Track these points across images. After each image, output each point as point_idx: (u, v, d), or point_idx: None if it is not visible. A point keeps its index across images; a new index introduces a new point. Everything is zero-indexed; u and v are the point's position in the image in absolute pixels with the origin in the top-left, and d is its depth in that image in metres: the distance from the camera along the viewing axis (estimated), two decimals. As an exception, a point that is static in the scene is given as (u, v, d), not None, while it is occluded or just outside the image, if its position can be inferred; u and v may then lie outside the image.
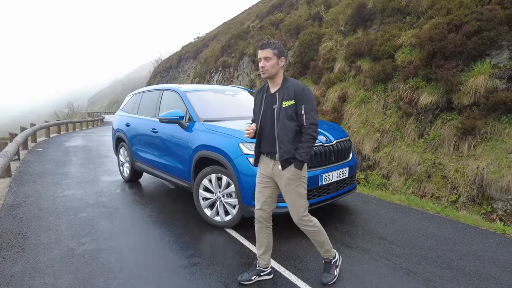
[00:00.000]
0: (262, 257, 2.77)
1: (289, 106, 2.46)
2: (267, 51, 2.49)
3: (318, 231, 2.66)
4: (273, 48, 2.49)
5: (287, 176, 2.53)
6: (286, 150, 2.47)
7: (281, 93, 2.51)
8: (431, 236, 3.68)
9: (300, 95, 2.46)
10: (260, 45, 2.54)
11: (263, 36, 13.96)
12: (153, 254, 3.23)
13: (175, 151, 4.41)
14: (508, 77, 5.60)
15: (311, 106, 2.47)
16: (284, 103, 2.47)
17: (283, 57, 2.53)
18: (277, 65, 2.51)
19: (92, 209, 4.50)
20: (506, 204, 4.86)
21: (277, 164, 2.56)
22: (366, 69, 8.27)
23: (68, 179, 6.20)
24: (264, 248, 2.75)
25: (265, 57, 2.49)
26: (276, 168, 2.57)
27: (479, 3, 6.62)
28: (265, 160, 2.66)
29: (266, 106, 2.58)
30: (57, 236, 3.59)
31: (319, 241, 2.70)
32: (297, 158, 2.47)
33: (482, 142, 5.58)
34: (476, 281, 2.78)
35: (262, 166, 2.69)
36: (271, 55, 2.48)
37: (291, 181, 2.53)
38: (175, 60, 28.58)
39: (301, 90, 2.47)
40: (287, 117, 2.47)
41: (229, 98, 5.13)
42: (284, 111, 2.47)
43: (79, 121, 22.38)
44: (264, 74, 2.53)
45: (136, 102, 5.92)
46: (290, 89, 2.48)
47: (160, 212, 4.40)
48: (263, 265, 2.77)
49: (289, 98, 2.47)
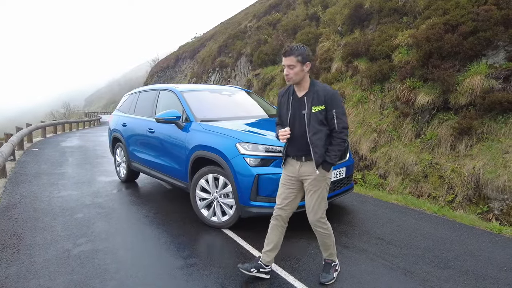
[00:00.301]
0: (267, 253, 2.76)
1: (319, 111, 2.47)
2: (290, 59, 2.44)
3: (329, 235, 2.70)
4: (296, 55, 2.43)
5: (314, 176, 2.56)
6: (320, 154, 2.50)
7: (309, 97, 2.50)
8: (428, 236, 3.69)
9: (330, 100, 2.46)
10: (283, 52, 2.49)
11: (261, 36, 13.96)
12: (150, 255, 3.21)
13: (171, 151, 4.39)
14: (504, 77, 5.62)
15: (341, 110, 2.49)
16: (314, 108, 2.47)
17: (308, 62, 2.47)
18: (301, 72, 2.47)
19: (89, 210, 4.47)
20: (502, 203, 4.88)
21: (305, 165, 2.58)
22: (363, 69, 8.29)
23: (64, 180, 6.16)
24: (273, 245, 2.76)
25: (288, 65, 2.46)
26: (303, 169, 2.59)
27: (475, 4, 6.65)
28: (291, 162, 2.68)
29: (294, 110, 2.56)
30: (53, 237, 3.56)
31: (327, 244, 2.73)
32: (327, 160, 2.51)
33: (479, 142, 5.60)
34: (473, 281, 2.79)
35: (288, 168, 2.70)
36: (294, 63, 2.44)
37: (317, 182, 2.57)
38: (172, 60, 28.49)
39: (331, 95, 2.47)
40: (318, 122, 2.48)
41: (226, 98, 5.11)
42: (315, 116, 2.47)
43: (75, 121, 22.26)
44: (289, 81, 2.52)
45: (133, 102, 5.89)
46: (320, 94, 2.47)
47: (157, 213, 4.38)
48: (266, 262, 2.77)
49: (319, 103, 2.47)
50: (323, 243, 2.75)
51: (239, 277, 2.80)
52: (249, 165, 3.41)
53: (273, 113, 5.02)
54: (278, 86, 11.43)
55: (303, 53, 2.44)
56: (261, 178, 3.37)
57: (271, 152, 3.45)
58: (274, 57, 12.69)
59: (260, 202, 3.41)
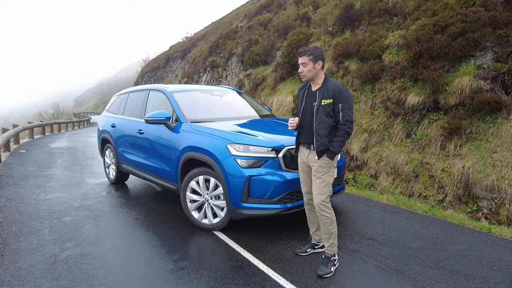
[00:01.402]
0: (315, 233, 3.22)
1: (327, 104, 2.77)
2: (303, 58, 2.84)
3: (333, 221, 2.90)
4: (308, 54, 2.83)
5: (319, 163, 2.85)
6: (322, 142, 2.79)
7: (321, 92, 2.83)
8: (419, 236, 3.70)
9: (338, 95, 2.76)
10: (298, 53, 2.91)
11: (252, 36, 13.92)
12: (139, 259, 3.15)
13: (161, 153, 4.33)
14: (492, 78, 5.69)
15: (348, 105, 2.77)
16: (323, 101, 2.79)
17: (320, 61, 2.84)
18: (313, 69, 2.84)
19: (77, 213, 4.38)
20: (491, 202, 4.93)
21: (312, 153, 2.89)
22: (354, 69, 8.32)
23: (52, 182, 6.04)
24: (316, 225, 3.17)
25: (302, 63, 2.86)
26: (310, 156, 2.92)
27: (463, 5, 6.72)
28: (302, 150, 3.03)
29: (307, 103, 2.92)
30: (39, 242, 3.47)
31: (330, 231, 2.90)
32: (330, 149, 2.79)
33: (468, 141, 5.66)
34: (463, 281, 2.80)
35: (300, 155, 3.06)
36: (306, 61, 2.83)
37: (322, 168, 2.85)
38: (163, 60, 28.26)
39: (339, 91, 2.77)
40: (325, 114, 2.78)
41: (217, 99, 5.07)
42: (323, 108, 2.78)
43: (64, 122, 21.88)
44: (303, 78, 2.90)
45: (122, 102, 5.80)
46: (330, 89, 2.79)
47: (147, 215, 4.31)
48: (317, 240, 3.22)
49: (328, 97, 2.78)
50: (326, 231, 2.91)
51: (230, 280, 2.76)
52: (240, 167, 3.37)
53: (265, 114, 4.99)
54: (269, 86, 11.41)
55: (315, 52, 2.83)
56: (253, 180, 3.34)
57: (262, 153, 3.42)
58: (265, 57, 12.67)
59: (252, 204, 3.38)
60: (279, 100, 10.22)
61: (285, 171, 3.42)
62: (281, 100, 10.14)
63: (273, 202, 3.37)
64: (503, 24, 5.89)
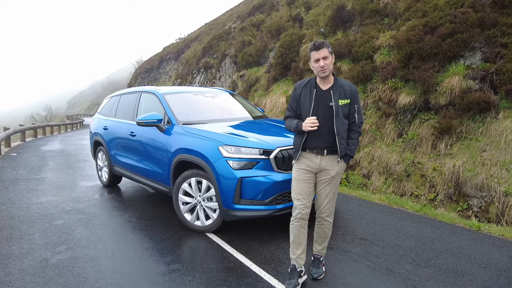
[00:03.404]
0: (301, 256, 2.75)
1: (345, 105, 2.58)
2: (324, 51, 2.53)
3: (331, 225, 2.81)
4: (327, 46, 2.56)
5: (336, 170, 2.66)
6: (345, 146, 2.62)
7: (336, 91, 2.58)
8: (410, 235, 3.75)
9: (355, 95, 2.62)
10: (315, 47, 2.56)
11: (245, 37, 13.94)
12: (132, 262, 3.14)
13: (153, 155, 4.32)
14: (480, 77, 5.78)
15: (360, 106, 2.66)
16: (340, 102, 2.57)
17: (333, 55, 2.63)
18: (332, 63, 2.59)
19: (69, 216, 4.36)
20: (481, 201, 5.00)
21: (326, 159, 2.63)
22: (346, 70, 8.37)
23: (44, 185, 5.99)
24: (302, 247, 2.74)
25: (324, 56, 2.53)
26: (326, 162, 2.64)
27: (452, 6, 6.81)
28: (308, 156, 2.68)
29: (318, 103, 2.60)
30: (30, 246, 3.45)
31: (328, 236, 2.82)
32: (349, 153, 2.64)
33: (458, 141, 5.73)
34: (452, 279, 2.84)
35: (304, 162, 2.69)
36: (327, 54, 2.54)
37: (338, 176, 2.70)
38: (156, 61, 28.19)
39: (355, 91, 2.63)
40: (344, 115, 2.59)
41: (209, 100, 5.07)
42: (341, 109, 2.57)
43: (57, 124, 21.68)
44: (325, 72, 2.55)
45: (114, 105, 5.78)
46: (346, 89, 2.60)
47: (140, 218, 4.30)
48: (302, 265, 2.75)
49: (345, 97, 2.58)
50: (324, 236, 2.81)
51: (222, 282, 2.77)
52: (232, 168, 3.38)
53: (258, 115, 5.01)
54: (263, 87, 11.44)
55: (330, 46, 2.60)
56: (245, 181, 3.35)
57: (254, 155, 3.43)
58: (259, 58, 12.70)
59: (244, 205, 3.39)
60: (273, 101, 10.26)
61: (277, 172, 3.44)
62: (275, 101, 10.17)
63: (265, 203, 3.38)
64: (491, 25, 5.99)
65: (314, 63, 2.58)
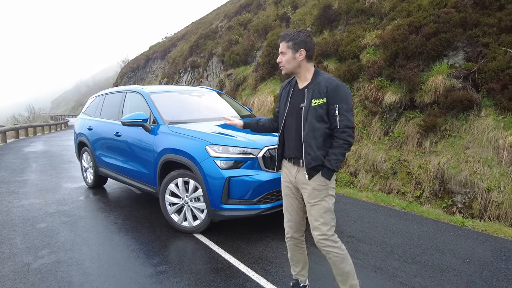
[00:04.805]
0: (301, 273, 2.50)
1: (319, 105, 2.11)
2: (282, 45, 2.20)
3: (344, 256, 2.21)
4: (287, 40, 2.17)
5: (312, 186, 2.17)
6: (314, 156, 2.11)
7: (310, 89, 2.16)
8: (397, 232, 3.79)
9: (333, 92, 2.09)
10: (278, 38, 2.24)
11: (232, 36, 13.89)
12: (118, 264, 3.08)
13: (139, 155, 4.25)
14: (463, 76, 5.89)
15: (346, 106, 2.10)
16: (313, 101, 2.12)
17: (302, 49, 2.15)
18: (293, 60, 2.17)
19: (52, 219, 4.25)
20: (464, 197, 5.11)
21: (301, 171, 2.21)
22: (332, 69, 8.42)
23: (26, 187, 5.83)
24: (302, 264, 2.49)
25: (280, 51, 2.21)
26: (300, 176, 2.23)
27: (436, 6, 6.93)
28: (287, 166, 2.32)
29: (292, 104, 2.24)
30: (11, 250, 3.34)
31: (344, 271, 2.22)
32: (326, 165, 2.11)
33: (443, 138, 5.84)
34: (438, 274, 2.88)
35: (284, 173, 2.36)
36: (285, 49, 2.18)
37: (317, 193, 2.17)
38: (142, 61, 27.83)
39: (334, 87, 2.10)
40: (317, 118, 2.11)
41: (196, 100, 5.02)
42: (314, 111, 2.11)
43: (40, 124, 21.19)
44: (282, 70, 2.25)
45: (99, 104, 5.67)
46: (322, 85, 2.12)
47: (126, 219, 4.23)
48: (305, 280, 2.54)
49: (320, 95, 2.12)
50: (339, 270, 2.23)
51: (210, 283, 2.74)
52: (220, 168, 3.35)
53: (245, 114, 4.98)
54: (250, 86, 11.42)
55: (295, 38, 2.15)
56: (232, 181, 3.33)
57: (241, 154, 3.41)
58: (246, 57, 12.67)
59: (232, 205, 3.36)
60: (260, 100, 10.25)
61: (264, 172, 3.43)
62: (262, 100, 10.17)
63: (253, 202, 3.37)
64: (472, 25, 6.11)
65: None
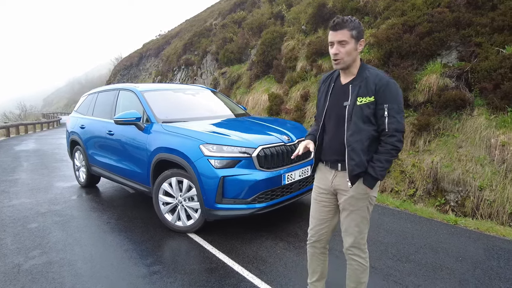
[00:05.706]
0: (315, 284, 2.33)
1: (366, 104, 1.87)
2: (342, 33, 1.84)
3: (366, 268, 2.12)
4: (350, 28, 1.84)
5: (351, 193, 1.98)
6: (358, 162, 1.89)
7: (355, 85, 1.92)
8: (391, 231, 3.80)
9: (383, 90, 1.85)
10: (332, 26, 1.87)
11: (226, 34, 13.82)
12: (111, 265, 3.05)
13: (132, 154, 4.21)
14: (456, 76, 5.93)
15: (397, 107, 1.86)
16: (359, 100, 1.88)
17: (362, 40, 1.91)
18: (354, 51, 1.89)
19: (44, 219, 4.19)
20: (457, 195, 5.15)
21: (339, 176, 2.02)
22: (327, 68, 8.43)
23: (17, 187, 5.75)
24: (318, 276, 2.30)
25: (339, 41, 1.86)
26: (337, 181, 2.03)
27: (429, 6, 6.96)
28: (323, 170, 2.11)
29: (333, 102, 2.00)
30: (1, 251, 3.29)
31: (360, 281, 2.13)
32: (370, 173, 1.89)
33: (436, 137, 5.87)
34: (431, 273, 2.90)
35: (319, 177, 2.16)
36: (347, 38, 1.85)
37: (356, 201, 1.98)
38: (136, 58, 27.59)
39: (385, 84, 1.86)
40: (362, 119, 1.88)
41: (190, 98, 4.98)
42: (359, 110, 1.88)
43: (31, 123, 20.90)
44: (338, 64, 1.92)
45: (91, 102, 5.61)
46: (370, 82, 1.88)
47: (119, 219, 4.19)
48: None
49: (367, 93, 1.87)
50: (356, 280, 2.14)
51: (204, 283, 2.72)
52: (214, 167, 3.33)
53: (240, 113, 4.96)
54: (245, 85, 11.38)
55: (359, 26, 1.87)
56: (226, 180, 3.30)
57: (236, 153, 3.39)
58: (240, 55, 12.62)
59: (226, 205, 3.34)
60: (255, 98, 10.22)
61: (259, 171, 3.41)
62: (257, 98, 10.14)
63: (248, 202, 3.35)
64: (466, 24, 6.15)
65: (330, 48, 1.93)
